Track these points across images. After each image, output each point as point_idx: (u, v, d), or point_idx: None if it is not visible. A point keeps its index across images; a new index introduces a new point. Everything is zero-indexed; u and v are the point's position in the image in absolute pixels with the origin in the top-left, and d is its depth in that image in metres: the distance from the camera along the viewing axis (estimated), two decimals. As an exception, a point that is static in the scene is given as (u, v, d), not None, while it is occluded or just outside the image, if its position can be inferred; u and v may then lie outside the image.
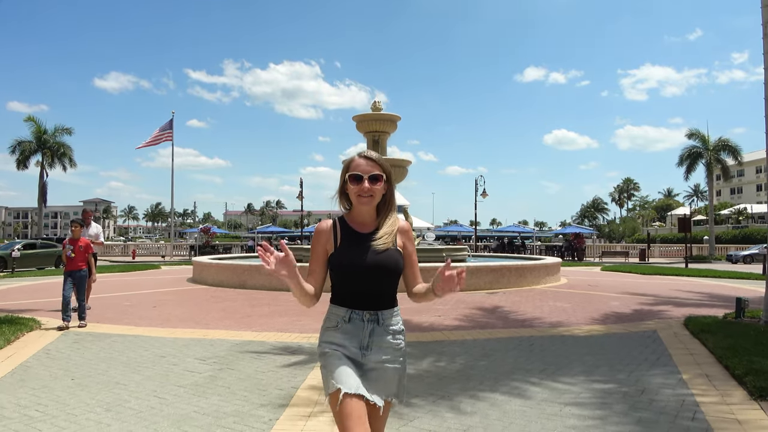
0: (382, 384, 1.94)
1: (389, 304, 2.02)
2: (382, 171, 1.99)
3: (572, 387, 4.47)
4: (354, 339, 1.96)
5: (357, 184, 1.97)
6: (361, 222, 2.04)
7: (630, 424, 3.61)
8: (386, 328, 1.99)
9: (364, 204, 1.99)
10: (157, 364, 5.24)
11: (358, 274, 1.95)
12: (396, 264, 2.00)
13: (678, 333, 6.81)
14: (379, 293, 2.00)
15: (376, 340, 1.97)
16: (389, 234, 2.00)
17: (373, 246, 1.97)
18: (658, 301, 10.25)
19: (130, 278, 16.09)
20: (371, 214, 2.04)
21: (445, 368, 5.13)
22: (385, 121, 16.17)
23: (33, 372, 4.99)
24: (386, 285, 2.00)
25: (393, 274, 2.00)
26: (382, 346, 1.97)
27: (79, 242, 7.47)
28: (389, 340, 1.98)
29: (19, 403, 4.05)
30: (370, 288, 1.98)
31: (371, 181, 1.97)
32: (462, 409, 3.90)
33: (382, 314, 1.99)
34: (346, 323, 1.97)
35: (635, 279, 16.36)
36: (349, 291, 1.99)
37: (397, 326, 2.03)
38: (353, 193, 1.99)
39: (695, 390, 4.36)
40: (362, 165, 1.99)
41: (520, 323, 7.66)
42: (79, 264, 7.39)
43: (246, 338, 6.52)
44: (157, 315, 8.43)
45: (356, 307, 1.98)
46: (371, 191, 1.97)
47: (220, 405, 4.00)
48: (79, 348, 5.99)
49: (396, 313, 2.04)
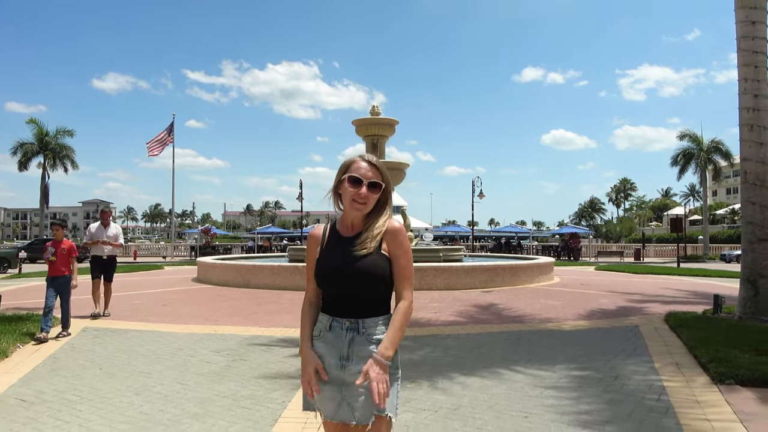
0: (367, 397, 1.81)
1: (372, 311, 1.90)
2: (381, 180, 1.91)
3: (553, 374, 4.96)
4: (334, 349, 1.88)
5: (354, 187, 1.88)
6: (348, 225, 1.96)
7: (601, 403, 4.10)
8: (368, 338, 1.87)
9: (356, 210, 1.90)
10: (175, 356, 5.71)
11: (333, 279, 1.88)
12: (376, 269, 1.86)
13: (658, 328, 7.29)
14: (358, 300, 1.89)
15: (356, 350, 1.86)
16: (371, 237, 1.88)
17: (353, 250, 1.87)
18: (644, 299, 10.73)
19: (135, 278, 16.54)
20: (361, 218, 1.95)
21: (440, 358, 5.60)
22: (383, 125, 16.65)
23: (62, 363, 5.46)
24: (366, 291, 1.88)
25: (372, 279, 1.86)
26: (363, 357, 1.85)
27: (62, 245, 6.91)
28: (371, 350, 1.85)
29: (57, 389, 4.51)
30: (348, 294, 1.88)
31: (370, 188, 1.88)
32: (453, 392, 4.37)
33: (364, 323, 1.88)
34: (327, 332, 1.90)
35: (627, 278, 16.85)
36: (328, 297, 1.94)
37: (383, 335, 1.88)
38: (347, 196, 1.89)
39: (664, 376, 4.84)
40: (363, 169, 1.90)
41: (512, 319, 8.15)
42: (62, 269, 6.82)
43: (254, 333, 6.99)
44: (168, 312, 8.89)
45: (337, 314, 1.90)
46: (366, 198, 1.88)
47: (237, 389, 4.47)
48: (101, 342, 6.45)
49: (383, 322, 1.91)
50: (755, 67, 7.38)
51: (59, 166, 41.05)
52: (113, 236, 8.66)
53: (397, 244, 1.91)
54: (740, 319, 7.34)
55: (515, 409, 3.97)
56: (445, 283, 12.08)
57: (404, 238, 1.94)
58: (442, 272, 12.35)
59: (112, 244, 8.62)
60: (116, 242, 8.68)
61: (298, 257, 15.40)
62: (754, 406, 4.03)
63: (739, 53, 7.54)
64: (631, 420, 3.74)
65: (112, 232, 8.69)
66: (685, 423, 3.67)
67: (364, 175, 1.88)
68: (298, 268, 12.49)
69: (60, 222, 7.17)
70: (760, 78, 7.38)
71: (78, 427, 3.63)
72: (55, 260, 6.78)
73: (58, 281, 6.81)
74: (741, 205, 7.78)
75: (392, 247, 1.90)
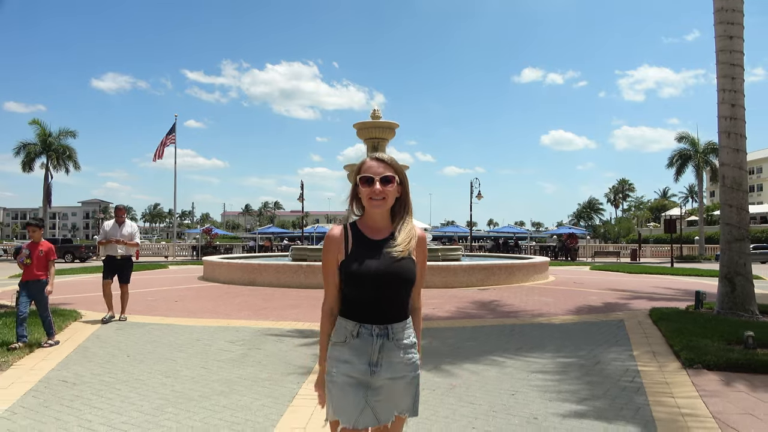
0: (395, 399, 1.87)
1: (401, 316, 1.92)
2: (394, 172, 1.92)
3: (540, 360, 5.48)
4: (362, 355, 1.85)
5: (368, 186, 1.89)
6: (374, 227, 1.95)
7: (580, 384, 4.62)
8: (397, 343, 1.88)
9: (376, 207, 1.90)
10: (195, 345, 6.22)
11: (371, 283, 1.84)
12: (411, 273, 1.89)
13: (642, 321, 7.81)
14: (392, 305, 1.89)
15: (386, 356, 1.86)
16: (407, 241, 1.90)
17: (389, 253, 1.87)
18: (634, 296, 11.26)
19: (143, 277, 17.01)
20: (385, 218, 1.95)
21: (438, 347, 6.12)
22: (384, 128, 17.16)
23: (92, 351, 5.97)
24: (401, 296, 1.91)
25: (409, 284, 1.90)
26: (392, 362, 1.86)
27: (39, 246, 6.28)
28: (400, 356, 1.88)
29: (93, 373, 5.03)
30: (383, 299, 1.87)
31: (383, 183, 1.88)
32: (449, 375, 4.90)
33: (393, 328, 1.88)
34: (354, 338, 1.86)
35: (620, 277, 17.38)
36: (359, 302, 1.89)
37: (409, 339, 1.92)
38: (365, 197, 1.90)
39: (640, 362, 5.37)
40: (373, 167, 1.91)
41: (505, 314, 8.66)
42: (38, 273, 6.20)
43: (265, 326, 7.50)
44: (181, 308, 9.40)
45: (365, 320, 1.87)
46: (383, 193, 1.88)
47: (256, 373, 4.99)
48: (124, 334, 6.96)
49: (408, 326, 1.94)
50: (732, 78, 7.91)
51: (61, 166, 41.64)
52: (128, 235, 8.16)
53: (424, 250, 1.98)
54: (718, 314, 7.86)
55: (504, 389, 4.49)
56: (444, 282, 12.60)
57: (426, 244, 2.02)
58: (440, 271, 12.86)
59: (128, 244, 8.13)
60: (131, 241, 8.19)
61: (301, 256, 15.92)
62: (715, 386, 4.55)
63: (718, 65, 8.07)
64: (605, 397, 4.26)
65: (127, 231, 8.18)
66: (653, 399, 4.19)
67: (375, 173, 1.89)
68: (301, 267, 13.00)
69: (36, 222, 6.50)
70: (737, 89, 7.91)
71: (120, 401, 4.15)
72: (31, 263, 6.18)
73: (32, 286, 6.17)
74: (720, 207, 8.30)
75: (419, 254, 1.95)
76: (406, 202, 1.98)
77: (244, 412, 3.91)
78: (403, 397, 1.89)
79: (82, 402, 4.14)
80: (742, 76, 7.98)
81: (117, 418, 3.77)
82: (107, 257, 8.17)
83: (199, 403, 4.10)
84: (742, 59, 7.99)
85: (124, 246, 8.13)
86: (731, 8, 7.89)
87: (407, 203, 1.98)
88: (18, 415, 3.86)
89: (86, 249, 33.68)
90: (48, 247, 6.35)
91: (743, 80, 7.99)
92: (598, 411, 3.92)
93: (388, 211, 1.95)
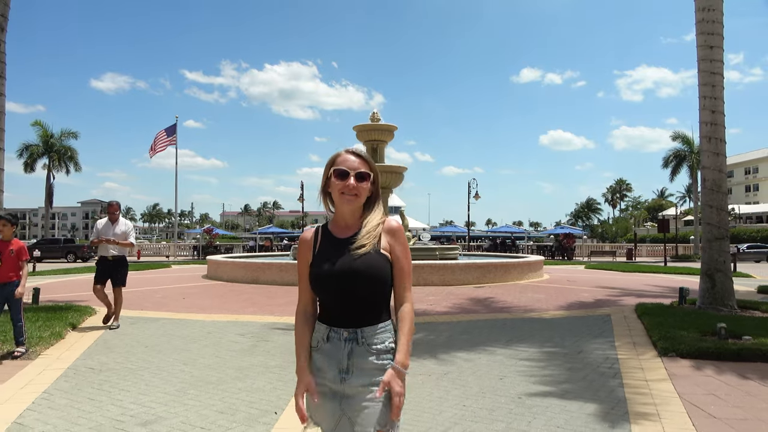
0: (371, 412, 1.69)
1: (373, 319, 1.76)
2: (369, 170, 1.82)
3: (528, 350, 5.93)
4: (332, 361, 1.75)
5: (341, 180, 1.79)
6: (342, 225, 1.85)
7: (562, 370, 5.06)
8: (368, 348, 1.74)
9: (347, 203, 1.80)
10: (207, 338, 6.65)
11: (329, 283, 1.74)
12: (376, 270, 1.74)
13: (627, 316, 8.26)
14: (358, 307, 1.75)
15: (357, 362, 1.73)
16: (368, 234, 1.78)
17: (349, 251, 1.75)
18: (623, 294, 11.71)
19: (148, 275, 17.46)
20: (355, 216, 1.84)
21: (434, 340, 6.56)
22: (383, 131, 17.61)
23: (112, 343, 6.40)
24: (365, 294, 1.75)
25: (372, 282, 1.74)
26: (364, 369, 1.73)
27: (10, 245, 5.76)
28: (373, 362, 1.73)
29: (116, 361, 5.46)
30: (346, 300, 1.74)
31: (357, 179, 1.79)
32: (444, 362, 5.34)
33: (363, 332, 1.74)
34: (325, 342, 1.77)
35: (613, 275, 17.85)
36: (324, 305, 1.81)
37: (384, 345, 1.76)
38: (336, 190, 1.80)
39: (620, 351, 5.82)
40: (349, 160, 1.81)
41: (499, 309, 9.11)
42: (9, 274, 5.66)
43: (271, 320, 7.94)
44: (189, 304, 9.83)
45: (334, 324, 1.77)
46: (356, 189, 1.79)
47: (266, 360, 5.43)
48: (138, 328, 7.38)
49: (383, 329, 1.77)
50: (712, 86, 8.36)
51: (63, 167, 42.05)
52: (122, 234, 7.42)
53: (397, 242, 1.83)
54: (699, 308, 8.31)
55: (493, 374, 4.93)
56: (441, 279, 13.05)
57: (404, 236, 1.86)
58: (437, 269, 13.32)
59: (121, 243, 7.36)
60: (125, 241, 7.41)
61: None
62: (684, 370, 5.00)
63: (700, 74, 8.52)
64: (584, 380, 4.71)
65: (121, 229, 7.45)
66: (626, 382, 4.64)
67: (350, 167, 1.80)
68: (304, 266, 13.43)
69: (9, 218, 5.90)
70: (717, 96, 8.36)
71: (145, 385, 4.58)
72: (1, 264, 5.64)
73: (3, 289, 5.64)
74: (701, 208, 8.76)
75: (393, 246, 1.81)
76: (376, 201, 1.88)
77: (259, 393, 4.35)
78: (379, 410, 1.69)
79: (111, 385, 4.57)
80: (721, 84, 8.43)
81: (145, 398, 4.20)
82: (99, 258, 7.53)
83: (217, 386, 4.54)
84: (722, 68, 8.45)
85: (117, 246, 7.41)
86: (711, 20, 8.34)
87: (376, 201, 1.88)
88: (55, 396, 4.30)
89: (88, 249, 34.11)
90: (19, 246, 5.85)
91: (723, 87, 8.44)
92: (576, 391, 4.37)
93: (360, 208, 1.85)
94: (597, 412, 3.87)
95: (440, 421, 3.70)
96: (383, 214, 1.89)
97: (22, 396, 4.30)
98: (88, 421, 3.70)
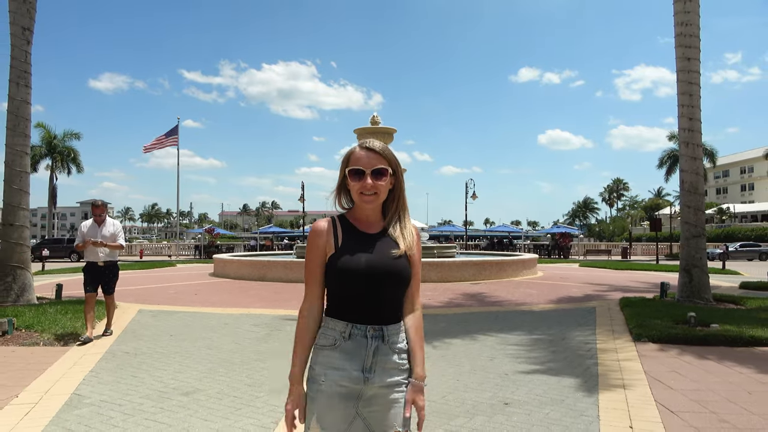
0: (389, 413, 1.69)
1: (396, 318, 1.76)
2: (387, 164, 1.75)
3: (516, 337, 6.58)
4: (355, 360, 1.68)
5: (358, 180, 1.72)
6: (365, 221, 1.80)
7: (546, 353, 5.71)
8: (391, 346, 1.72)
9: (367, 203, 1.74)
10: (224, 328, 7.29)
11: (366, 279, 1.68)
12: (409, 274, 1.76)
13: (611, 308, 8.91)
14: (387, 305, 1.74)
15: (380, 360, 1.70)
16: (405, 239, 1.77)
17: (387, 250, 1.73)
18: (611, 289, 12.37)
19: (156, 274, 18.07)
20: (377, 213, 1.80)
21: (432, 329, 7.20)
22: (383, 134, 18.27)
23: (138, 332, 7.03)
24: (397, 296, 1.76)
25: (404, 284, 1.76)
26: (387, 368, 1.70)
27: None
28: (395, 360, 1.72)
29: (147, 346, 6.09)
30: (379, 298, 1.71)
31: (375, 177, 1.72)
32: (440, 347, 5.99)
33: (388, 330, 1.72)
34: (346, 340, 1.69)
35: (605, 273, 18.51)
36: (351, 300, 1.71)
37: (403, 344, 1.76)
38: (355, 191, 1.74)
39: (599, 338, 6.47)
40: (363, 158, 1.73)
41: (492, 303, 9.76)
42: None
43: (282, 313, 8.57)
44: (202, 299, 10.45)
45: (359, 320, 1.70)
46: (375, 188, 1.72)
47: (282, 347, 6.06)
48: (159, 320, 8.01)
49: (401, 329, 1.77)
50: (690, 95, 9.01)
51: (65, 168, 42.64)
52: (110, 236, 6.71)
53: (418, 248, 1.82)
54: (678, 301, 8.96)
55: (484, 356, 5.58)
56: (439, 276, 13.69)
57: (420, 241, 1.87)
58: (436, 267, 13.96)
59: (110, 246, 6.64)
60: (114, 243, 6.70)
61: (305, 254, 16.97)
62: (653, 352, 5.66)
63: (678, 83, 9.17)
64: (564, 361, 5.36)
65: (109, 231, 6.73)
66: (601, 361, 5.29)
67: (365, 165, 1.72)
68: (308, 264, 14.07)
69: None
70: (694, 104, 9.02)
71: (179, 365, 5.22)
72: None
73: None
74: (680, 208, 9.41)
75: (415, 251, 1.80)
76: (400, 194, 1.82)
77: (280, 371, 4.98)
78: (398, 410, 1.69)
79: (148, 366, 5.21)
80: (698, 93, 9.08)
81: (181, 375, 4.84)
82: (87, 264, 6.73)
83: (242, 366, 5.17)
84: (699, 78, 9.10)
85: (108, 249, 6.69)
86: (689, 33, 9.00)
87: (401, 196, 1.82)
88: (101, 374, 4.93)
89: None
90: None
91: (699, 96, 9.10)
92: (555, 369, 5.02)
93: (380, 205, 1.80)
94: (572, 384, 4.52)
95: (437, 392, 4.34)
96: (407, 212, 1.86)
97: (72, 374, 4.93)
98: (137, 393, 4.34)
